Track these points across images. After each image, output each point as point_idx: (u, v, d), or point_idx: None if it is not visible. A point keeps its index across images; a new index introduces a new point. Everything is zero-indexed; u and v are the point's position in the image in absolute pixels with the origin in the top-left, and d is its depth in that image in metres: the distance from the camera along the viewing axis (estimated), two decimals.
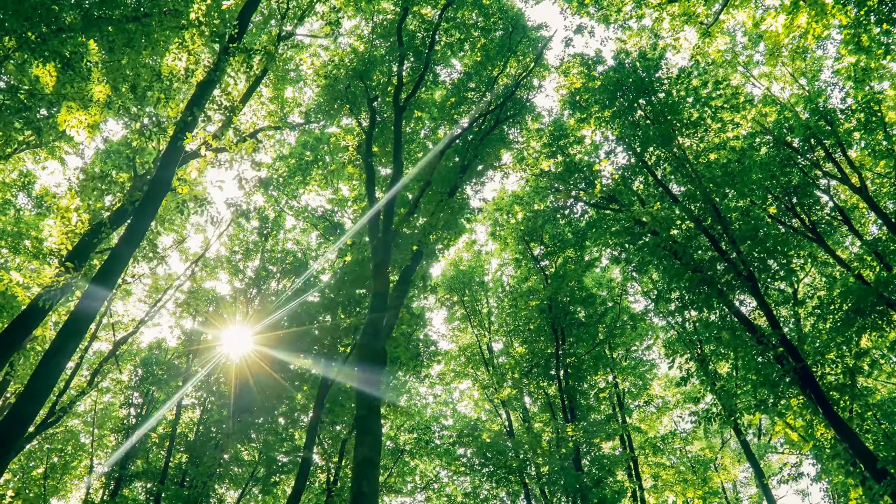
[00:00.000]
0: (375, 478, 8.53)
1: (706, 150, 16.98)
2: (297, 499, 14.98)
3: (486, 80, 18.86)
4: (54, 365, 7.76)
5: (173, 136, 9.52)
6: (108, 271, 8.36)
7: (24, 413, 7.58)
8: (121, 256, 8.51)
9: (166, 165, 9.27)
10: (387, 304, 11.25)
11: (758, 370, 12.38)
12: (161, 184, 9.07)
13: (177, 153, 9.43)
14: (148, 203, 8.99)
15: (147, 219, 8.93)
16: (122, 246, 8.58)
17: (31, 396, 7.54)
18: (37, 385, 7.56)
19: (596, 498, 15.30)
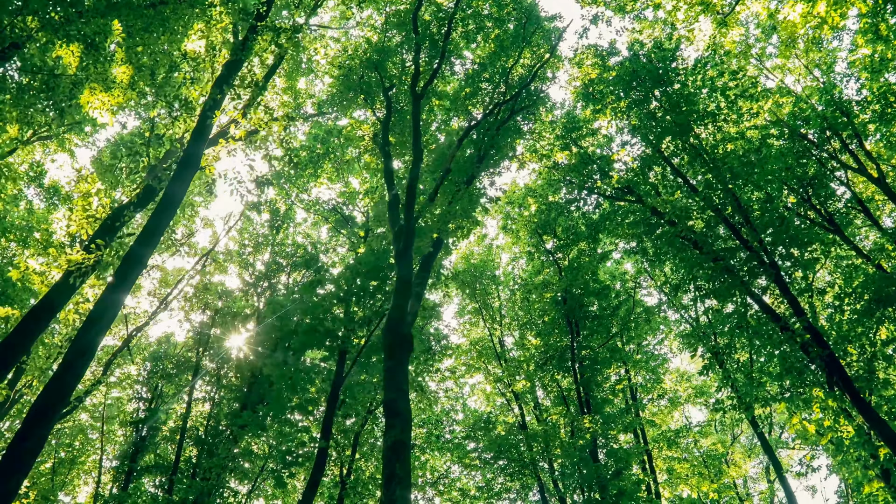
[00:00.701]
0: (407, 460, 8.42)
1: (724, 140, 16.89)
2: (314, 490, 14.85)
3: (500, 71, 18.76)
4: (96, 331, 7.66)
5: (201, 114, 9.41)
6: (144, 243, 8.25)
7: (66, 381, 7.47)
8: (156, 228, 8.39)
9: (195, 143, 9.17)
10: (411, 289, 11.14)
11: (783, 358, 12.27)
12: (190, 161, 8.95)
13: (206, 131, 9.33)
14: (178, 180, 8.88)
15: (178, 195, 8.82)
16: (156, 218, 8.47)
17: (70, 367, 7.44)
18: (76, 355, 7.46)
19: (615, 489, 15.18)
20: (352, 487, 18.11)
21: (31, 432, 7.27)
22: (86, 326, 7.65)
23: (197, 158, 9.20)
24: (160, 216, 8.53)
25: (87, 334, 7.62)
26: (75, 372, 7.57)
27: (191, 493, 16.77)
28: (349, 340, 18.06)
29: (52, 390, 7.40)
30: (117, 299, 8.13)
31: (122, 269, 8.17)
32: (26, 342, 9.49)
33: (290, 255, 24.22)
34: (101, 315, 7.84)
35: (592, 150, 20.09)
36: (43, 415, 7.37)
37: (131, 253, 8.27)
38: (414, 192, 12.57)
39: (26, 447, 7.10)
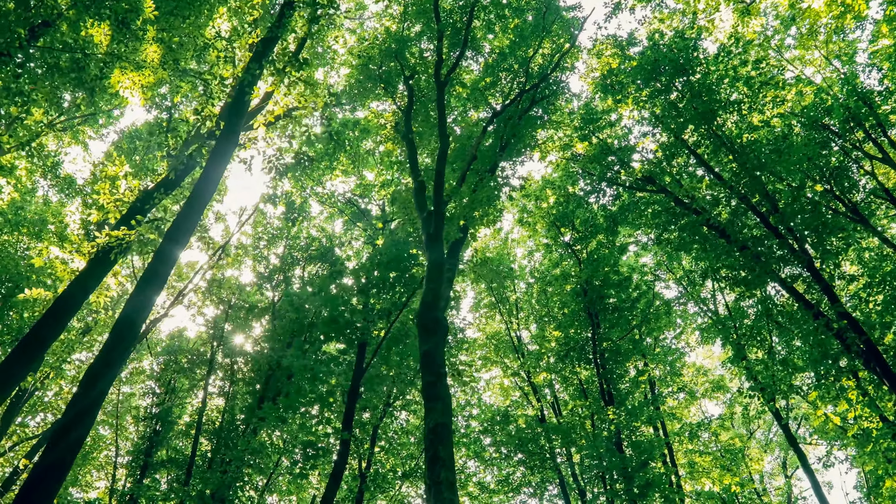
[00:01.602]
0: (450, 442, 8.25)
1: (748, 128, 16.73)
2: (338, 481, 14.68)
3: (520, 61, 18.63)
4: (143, 301, 7.51)
5: (238, 90, 9.25)
6: (188, 217, 8.09)
7: (112, 357, 7.33)
8: (200, 200, 8.22)
9: (233, 120, 9.00)
10: (443, 274, 10.99)
11: (818, 344, 12.09)
12: (229, 137, 8.79)
13: (243, 108, 9.17)
14: (218, 155, 8.71)
15: (219, 170, 8.65)
16: (198, 191, 8.31)
17: (116, 344, 7.28)
18: (119, 332, 7.31)
19: (641, 481, 15.00)
20: (372, 480, 17.94)
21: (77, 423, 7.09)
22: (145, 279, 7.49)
23: (236, 134, 9.04)
24: (202, 189, 8.36)
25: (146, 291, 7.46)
26: (111, 374, 7.44)
27: (210, 486, 16.61)
28: (369, 332, 17.91)
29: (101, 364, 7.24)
30: (172, 255, 7.97)
31: (164, 245, 8.01)
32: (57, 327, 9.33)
33: (304, 249, 24.07)
34: (156, 270, 7.67)
35: (611, 142, 19.93)
36: (85, 414, 7.22)
37: (176, 224, 8.11)
38: (442, 177, 12.41)
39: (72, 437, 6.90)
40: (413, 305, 19.07)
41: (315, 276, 22.29)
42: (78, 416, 7.09)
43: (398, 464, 19.57)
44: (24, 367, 9.12)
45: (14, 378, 9.01)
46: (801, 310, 13.03)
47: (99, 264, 10.04)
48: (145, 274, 7.92)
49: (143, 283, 7.83)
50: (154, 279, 7.80)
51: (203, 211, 8.54)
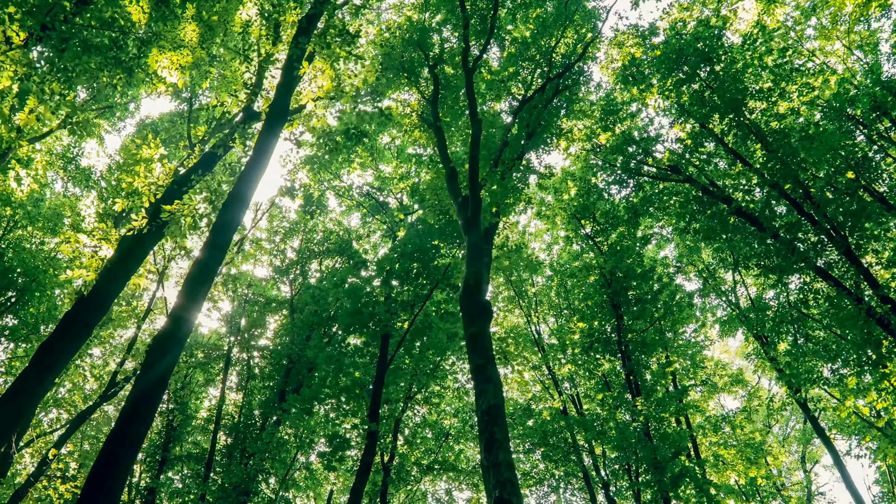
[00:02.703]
0: (505, 423, 8.09)
1: (777, 116, 16.60)
2: (367, 472, 14.51)
3: (542, 51, 18.49)
4: (208, 272, 7.35)
5: (286, 65, 9.08)
6: (242, 188, 7.92)
7: (180, 334, 7.17)
8: (254, 171, 8.05)
9: (281, 96, 8.84)
10: (483, 257, 10.84)
11: (860, 330, 11.94)
12: (279, 112, 8.62)
13: (292, 84, 9.00)
14: (269, 132, 8.54)
15: (270, 145, 8.47)
16: (251, 165, 8.14)
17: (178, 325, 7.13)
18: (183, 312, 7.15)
19: (672, 472, 14.84)
20: (396, 473, 17.76)
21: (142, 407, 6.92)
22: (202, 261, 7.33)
23: (285, 109, 8.89)
24: (256, 161, 8.18)
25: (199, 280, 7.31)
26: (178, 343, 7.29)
27: (233, 479, 16.44)
28: (392, 324, 17.76)
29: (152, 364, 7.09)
30: (231, 226, 7.81)
31: (222, 216, 7.84)
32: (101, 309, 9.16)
33: (321, 243, 23.92)
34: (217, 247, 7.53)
35: (632, 132, 19.79)
36: (148, 398, 7.05)
37: (233, 196, 7.94)
38: (477, 162, 12.26)
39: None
40: (436, 297, 18.92)
41: (333, 270, 22.11)
42: (148, 389, 6.89)
43: (421, 457, 19.40)
44: (70, 345, 8.95)
45: (62, 357, 8.84)
46: (840, 296, 12.88)
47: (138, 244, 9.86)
48: (206, 246, 7.76)
49: (206, 256, 7.67)
50: (215, 251, 7.64)
51: (258, 183, 8.38)
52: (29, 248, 23.22)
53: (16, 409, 8.08)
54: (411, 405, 19.96)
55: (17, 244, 23.02)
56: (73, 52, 8.13)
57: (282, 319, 23.59)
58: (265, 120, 8.68)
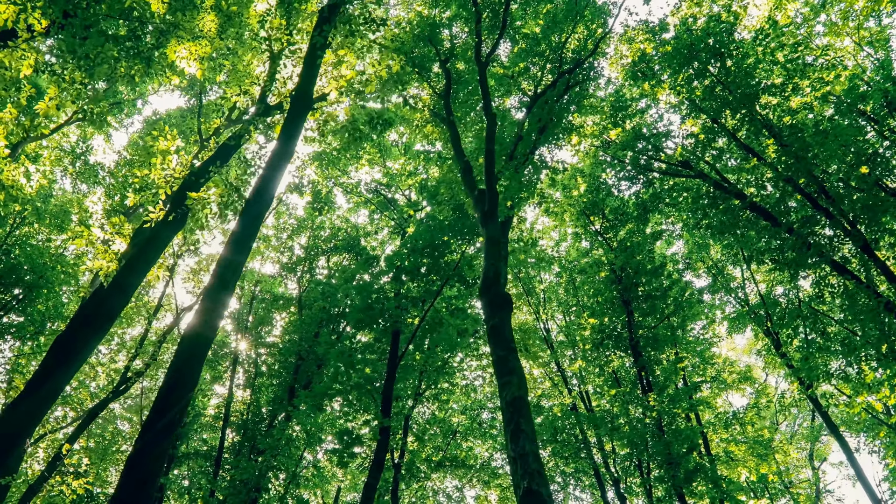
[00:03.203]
0: (529, 414, 8.03)
1: (788, 112, 16.57)
2: (380, 468, 14.44)
3: (552, 47, 18.45)
4: (236, 260, 7.29)
5: (308, 53, 9.00)
6: (270, 178, 7.86)
7: (213, 324, 7.11)
8: (281, 160, 7.99)
9: (305, 83, 8.76)
10: (501, 250, 10.78)
11: (878, 324, 11.88)
12: (303, 100, 8.55)
13: (314, 72, 8.93)
14: (294, 120, 8.47)
15: (296, 131, 8.40)
16: (277, 153, 8.07)
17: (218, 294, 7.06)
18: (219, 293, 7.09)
19: (685, 467, 14.78)
20: (407, 469, 17.70)
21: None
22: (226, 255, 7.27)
23: (309, 97, 8.82)
24: (282, 151, 8.12)
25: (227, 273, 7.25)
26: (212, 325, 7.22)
27: (244, 475, 16.36)
28: (402, 320, 17.69)
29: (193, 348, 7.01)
30: (259, 214, 7.73)
31: (249, 207, 7.78)
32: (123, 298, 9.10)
33: (328, 239, 23.86)
34: (245, 234, 7.48)
35: (641, 128, 19.76)
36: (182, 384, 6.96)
37: (263, 180, 7.86)
38: (493, 155, 12.22)
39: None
40: (446, 293, 18.86)
41: (344, 267, 22.04)
42: (182, 373, 6.81)
43: (432, 453, 19.33)
44: (94, 335, 8.87)
45: (85, 348, 8.76)
46: (858, 290, 12.83)
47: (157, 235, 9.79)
48: (236, 234, 7.70)
49: (235, 244, 7.60)
50: (244, 240, 7.57)
51: (285, 170, 8.31)
52: (36, 245, 23.17)
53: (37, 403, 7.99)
54: (420, 402, 19.90)
55: (24, 241, 22.97)
56: (96, 39, 8.07)
57: (289, 317, 23.52)
58: (289, 108, 8.62)
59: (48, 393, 8.30)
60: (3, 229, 23.01)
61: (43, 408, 8.09)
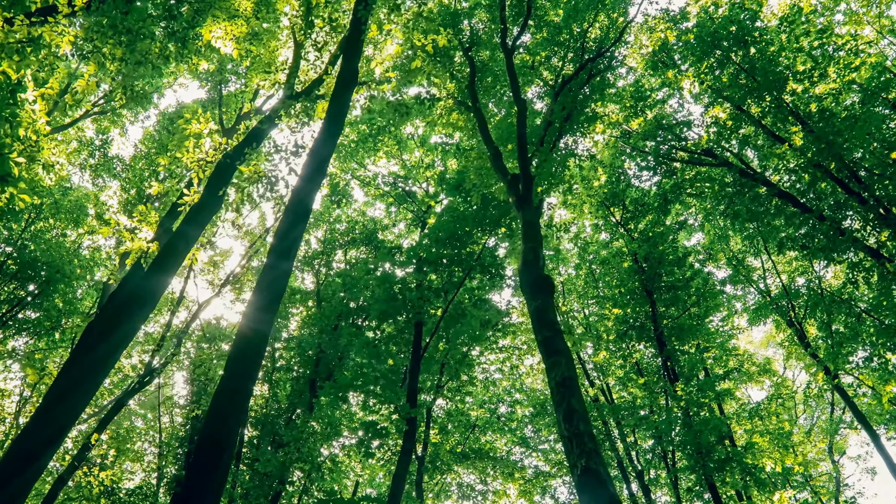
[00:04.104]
0: (580, 394, 7.89)
1: (815, 98, 16.42)
2: (409, 458, 14.32)
3: (574, 36, 18.31)
4: (289, 242, 7.14)
5: (353, 26, 8.85)
6: (318, 151, 7.70)
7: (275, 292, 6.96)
8: (330, 136, 7.83)
9: (349, 61, 8.61)
10: (539, 233, 10.65)
11: None
12: (349, 78, 8.40)
13: (358, 48, 8.78)
14: (339, 98, 8.32)
15: (343, 110, 8.25)
16: (323, 137, 7.92)
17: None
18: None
19: (717, 456, 14.64)
20: (430, 462, 17.56)
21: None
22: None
23: (354, 74, 8.69)
24: (330, 128, 7.96)
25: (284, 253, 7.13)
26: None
27: (269, 468, 16.23)
28: (425, 311, 17.56)
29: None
30: (311, 191, 7.61)
31: (301, 184, 7.64)
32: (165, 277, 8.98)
33: (345, 233, 23.74)
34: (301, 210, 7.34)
35: (663, 117, 19.62)
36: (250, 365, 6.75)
37: (313, 155, 7.70)
38: (525, 140, 12.10)
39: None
40: (468, 285, 18.73)
41: (362, 259, 21.91)
42: (244, 359, 6.65)
43: (455, 445, 19.20)
44: (138, 312, 8.74)
45: (132, 324, 8.63)
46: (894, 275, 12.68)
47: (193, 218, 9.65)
48: (288, 212, 7.55)
49: (289, 220, 7.45)
50: (298, 219, 7.42)
51: (335, 146, 8.15)
52: (52, 239, 23.07)
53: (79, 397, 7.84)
54: (441, 395, 19.77)
55: (39, 236, 22.87)
56: (139, 13, 7.94)
57: (306, 311, 23.39)
58: (335, 86, 8.48)
59: (91, 383, 8.16)
60: (18, 224, 22.93)
61: (89, 394, 7.95)
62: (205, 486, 5.76)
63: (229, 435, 6.26)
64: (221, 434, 6.19)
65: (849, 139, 15.14)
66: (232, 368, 6.84)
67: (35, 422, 7.62)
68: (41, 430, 7.42)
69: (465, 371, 20.10)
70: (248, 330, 7.08)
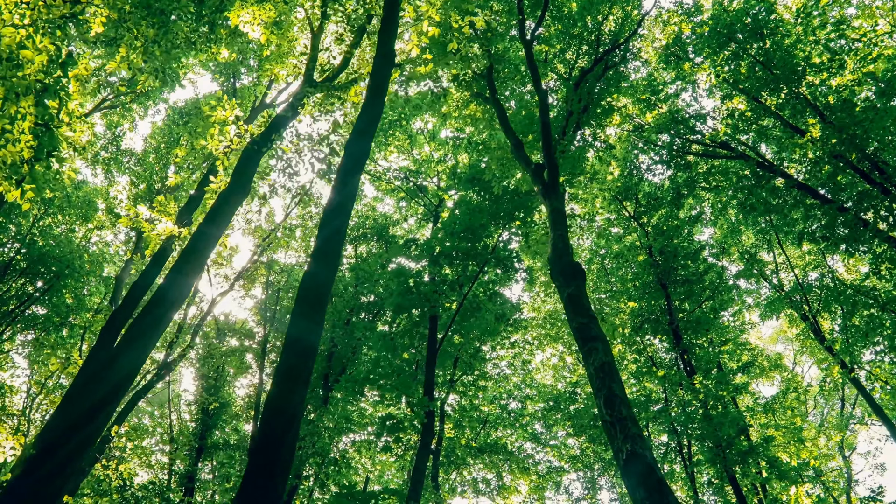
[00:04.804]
0: (620, 379, 7.80)
1: (834, 90, 16.36)
2: (428, 451, 14.22)
3: (590, 28, 18.25)
4: (339, 223, 7.02)
5: (386, 10, 8.73)
6: (365, 133, 7.57)
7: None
8: (372, 120, 7.70)
9: (386, 42, 8.48)
10: (566, 220, 10.56)
11: None
12: (387, 57, 8.27)
13: (394, 28, 8.65)
14: (379, 75, 8.19)
15: (384, 85, 8.11)
16: (366, 114, 7.78)
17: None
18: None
19: (737, 448, 14.55)
20: (445, 456, 17.46)
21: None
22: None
23: (391, 54, 8.56)
24: (372, 106, 7.83)
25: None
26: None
27: None
28: (440, 304, 17.46)
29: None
30: (354, 181, 7.49)
31: (344, 163, 7.51)
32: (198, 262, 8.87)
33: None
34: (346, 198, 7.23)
35: (678, 110, 19.56)
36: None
37: (357, 131, 7.56)
38: (549, 129, 12.02)
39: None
40: (482, 278, 18.65)
41: (374, 253, 21.80)
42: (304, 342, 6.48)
43: (471, 439, 19.10)
44: (185, 283, 8.63)
45: (172, 306, 8.53)
46: None
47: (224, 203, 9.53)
48: (335, 192, 7.42)
49: (340, 190, 7.29)
50: (345, 202, 7.27)
51: (377, 122, 8.02)
52: (60, 235, 22.92)
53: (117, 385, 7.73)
54: (454, 390, 19.68)
55: (47, 231, 22.72)
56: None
57: None
58: (374, 65, 8.34)
59: (133, 363, 8.05)
60: (26, 220, 22.77)
61: (130, 379, 7.85)
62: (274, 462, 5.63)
63: (296, 408, 6.16)
64: (288, 407, 6.08)
65: (869, 129, 15.09)
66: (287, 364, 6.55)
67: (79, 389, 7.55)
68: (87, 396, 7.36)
69: (477, 366, 20.00)
70: (293, 340, 6.76)
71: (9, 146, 5.43)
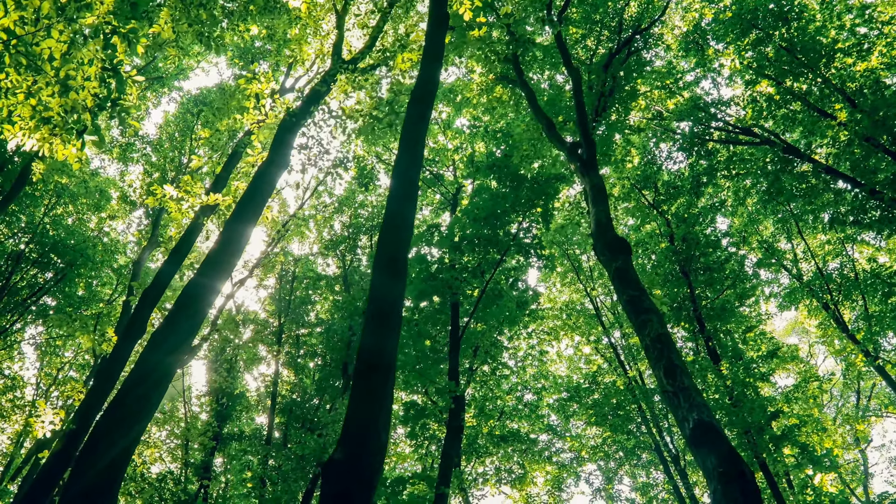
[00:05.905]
0: (678, 350, 7.64)
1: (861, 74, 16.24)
2: (455, 435, 14.06)
3: (611, 13, 18.11)
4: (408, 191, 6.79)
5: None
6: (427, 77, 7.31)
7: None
8: (433, 72, 7.46)
9: (435, 33, 8.11)
10: (606, 196, 10.41)
11: None
12: (435, 52, 7.88)
13: (444, 21, 8.40)
14: (432, 40, 7.95)
15: (437, 54, 7.86)
16: (425, 69, 7.55)
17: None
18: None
19: (769, 434, 14.41)
20: (468, 444, 17.28)
21: None
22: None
23: (445, 17, 8.38)
24: (429, 64, 7.56)
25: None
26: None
27: (306, 450, 15.92)
28: (462, 290, 17.29)
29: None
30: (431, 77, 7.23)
31: (408, 127, 7.26)
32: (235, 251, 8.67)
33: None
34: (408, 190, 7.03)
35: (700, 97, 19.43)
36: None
37: (421, 80, 7.32)
38: (583, 107, 11.88)
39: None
40: (505, 265, 18.49)
41: None
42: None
43: (497, 428, 18.94)
44: (213, 284, 8.46)
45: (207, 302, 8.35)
46: None
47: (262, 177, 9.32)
48: (402, 157, 7.17)
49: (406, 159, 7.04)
50: (410, 179, 7.00)
51: (440, 72, 7.76)
52: (73, 224, 22.70)
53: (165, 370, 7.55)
54: (473, 379, 19.49)
55: (58, 221, 22.49)
56: None
57: (332, 296, 23.09)
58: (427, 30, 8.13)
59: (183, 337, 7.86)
60: (38, 210, 22.53)
61: (168, 377, 7.70)
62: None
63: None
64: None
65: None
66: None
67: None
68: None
69: (497, 355, 19.83)
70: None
71: (71, 94, 5.23)
